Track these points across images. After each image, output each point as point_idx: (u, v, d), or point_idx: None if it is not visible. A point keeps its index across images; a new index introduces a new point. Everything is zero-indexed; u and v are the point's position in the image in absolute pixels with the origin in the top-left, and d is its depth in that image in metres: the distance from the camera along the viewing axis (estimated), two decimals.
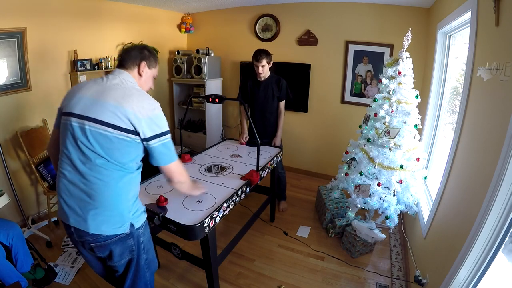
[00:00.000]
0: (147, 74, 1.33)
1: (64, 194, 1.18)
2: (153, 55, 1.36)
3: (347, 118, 3.55)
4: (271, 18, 3.76)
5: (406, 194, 2.22)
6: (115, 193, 1.17)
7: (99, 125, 1.12)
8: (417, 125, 2.17)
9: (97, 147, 1.13)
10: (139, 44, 1.36)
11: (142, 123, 1.15)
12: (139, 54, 1.30)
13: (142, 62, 1.30)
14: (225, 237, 2.50)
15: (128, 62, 1.28)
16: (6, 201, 1.89)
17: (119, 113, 1.12)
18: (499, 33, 1.22)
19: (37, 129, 2.66)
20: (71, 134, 1.15)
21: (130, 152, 1.18)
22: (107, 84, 1.20)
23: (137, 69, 1.30)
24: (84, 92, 1.19)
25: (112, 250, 1.22)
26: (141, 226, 1.29)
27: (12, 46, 2.43)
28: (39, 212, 2.85)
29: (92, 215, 1.14)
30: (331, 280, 2.13)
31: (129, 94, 1.17)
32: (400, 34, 2.43)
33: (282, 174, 3.02)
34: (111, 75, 1.25)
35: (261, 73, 2.66)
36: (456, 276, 1.21)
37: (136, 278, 1.34)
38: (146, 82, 1.35)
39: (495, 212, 1.05)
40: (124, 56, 1.30)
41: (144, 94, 1.23)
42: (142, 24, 3.74)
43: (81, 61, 2.94)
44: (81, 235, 1.19)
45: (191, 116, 4.51)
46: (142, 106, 1.16)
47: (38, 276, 1.92)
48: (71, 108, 1.17)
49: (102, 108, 1.13)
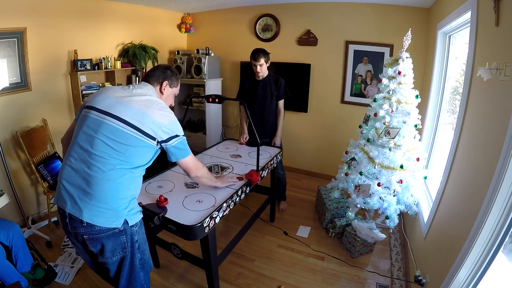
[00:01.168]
0: (168, 91, 1.47)
1: (65, 180, 1.21)
2: (175, 75, 1.50)
3: (347, 118, 3.55)
4: (271, 18, 3.76)
5: (406, 194, 2.22)
6: (113, 187, 1.20)
7: (119, 122, 1.21)
8: (417, 125, 2.17)
9: (111, 142, 1.19)
10: (163, 64, 1.54)
11: (160, 129, 1.26)
12: (162, 74, 1.44)
13: (164, 81, 1.44)
14: (225, 237, 2.50)
15: (151, 80, 1.43)
16: (6, 201, 1.90)
17: (140, 117, 1.24)
18: (499, 33, 1.22)
19: (37, 129, 2.66)
20: (88, 124, 1.23)
21: (144, 153, 1.27)
22: (133, 91, 1.33)
23: (160, 87, 1.44)
24: (111, 94, 1.30)
25: (104, 244, 1.23)
26: (135, 224, 1.30)
27: (12, 46, 2.43)
28: (39, 212, 2.86)
29: (89, 204, 1.17)
30: (331, 280, 2.13)
31: (152, 103, 1.30)
32: (400, 34, 2.43)
33: (282, 176, 3.01)
34: (138, 85, 1.39)
35: (259, 72, 2.65)
36: (456, 276, 1.21)
37: (131, 278, 1.34)
38: (167, 99, 1.49)
39: (495, 212, 1.05)
40: (149, 74, 1.45)
41: (165, 106, 1.35)
42: (142, 24, 3.74)
43: (81, 61, 2.94)
44: (75, 226, 1.21)
45: (191, 116, 4.52)
46: (161, 114, 1.28)
47: (38, 276, 1.92)
48: (95, 103, 1.27)
49: (125, 109, 1.24)
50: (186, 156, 1.40)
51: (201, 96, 3.68)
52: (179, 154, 1.37)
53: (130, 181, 1.26)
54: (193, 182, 1.92)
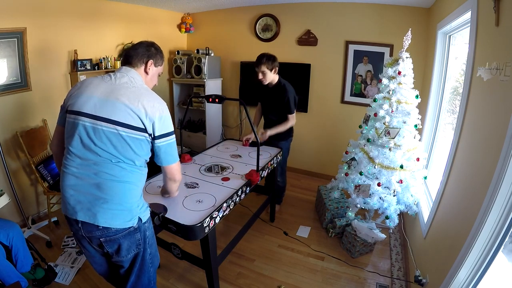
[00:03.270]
0: (152, 71, 1.35)
1: (71, 189, 1.17)
2: (160, 53, 1.38)
3: (347, 118, 3.55)
4: (271, 18, 3.76)
5: (406, 194, 2.22)
6: (126, 188, 1.20)
7: (112, 125, 1.15)
8: (417, 125, 2.17)
9: (110, 146, 1.15)
10: (146, 41, 1.38)
11: (152, 122, 1.19)
12: (147, 52, 1.31)
13: (149, 60, 1.31)
14: (225, 237, 2.50)
15: (135, 59, 1.29)
16: (6, 201, 1.89)
17: (131, 111, 1.15)
18: (499, 33, 1.22)
19: (37, 129, 2.66)
20: (82, 133, 1.16)
21: (142, 150, 1.22)
22: (116, 82, 1.21)
23: (144, 67, 1.31)
24: (93, 91, 1.19)
25: (120, 244, 1.23)
26: (147, 220, 1.31)
27: (12, 46, 2.43)
28: (39, 212, 2.85)
29: (103, 209, 1.15)
30: (331, 280, 2.13)
31: (140, 94, 1.20)
32: (400, 34, 2.43)
33: (280, 184, 2.87)
34: (119, 73, 1.25)
35: (262, 79, 2.49)
36: (456, 276, 1.21)
37: (141, 273, 1.34)
38: (152, 80, 1.38)
39: (495, 212, 1.05)
40: (131, 53, 1.30)
41: (153, 94, 1.25)
42: (142, 24, 3.74)
43: (81, 61, 2.94)
44: (89, 230, 1.19)
45: (191, 116, 4.51)
46: (152, 105, 1.19)
47: (38, 276, 1.92)
48: (80, 107, 1.17)
49: (114, 108, 1.15)
50: (176, 161, 1.33)
51: (201, 96, 3.68)
52: (169, 158, 1.30)
53: (139, 178, 1.26)
54: (193, 182, 1.92)
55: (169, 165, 1.31)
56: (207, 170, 2.13)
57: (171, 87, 4.31)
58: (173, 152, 1.30)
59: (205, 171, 2.11)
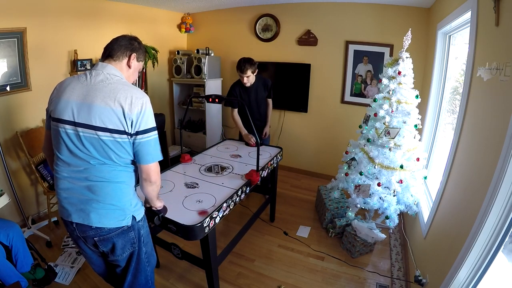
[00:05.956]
0: (134, 65, 1.30)
1: (64, 192, 1.19)
2: (142, 48, 1.33)
3: (347, 118, 3.55)
4: (271, 18, 3.76)
5: (406, 194, 2.22)
6: (117, 187, 1.20)
7: (91, 130, 1.12)
8: (417, 125, 2.17)
9: (93, 151, 1.14)
10: (128, 34, 1.34)
11: (131, 120, 1.13)
12: (130, 45, 1.27)
13: (132, 54, 1.27)
14: (225, 237, 2.50)
15: (117, 52, 1.24)
16: (6, 201, 1.89)
17: (108, 113, 1.11)
18: (499, 33, 1.22)
19: (37, 129, 2.66)
20: (65, 139, 1.15)
21: (125, 152, 1.19)
22: (91, 82, 1.15)
23: (127, 60, 1.26)
24: (69, 95, 1.15)
25: (115, 243, 1.23)
26: (141, 218, 1.31)
27: (12, 46, 2.42)
28: (39, 212, 2.85)
29: (95, 209, 1.16)
30: (331, 280, 2.13)
31: (116, 90, 1.13)
32: (400, 34, 2.43)
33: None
34: (94, 70, 1.19)
35: (247, 82, 2.72)
36: (456, 276, 1.21)
37: (137, 272, 1.35)
38: (133, 74, 1.33)
39: (495, 212, 1.05)
40: (114, 46, 1.24)
41: (132, 88, 1.18)
42: (142, 24, 3.73)
43: (81, 61, 2.94)
44: (83, 230, 1.20)
45: (191, 116, 4.51)
46: (130, 101, 1.13)
47: (38, 276, 1.92)
48: (59, 113, 1.15)
49: (91, 112, 1.11)
50: (157, 159, 1.22)
51: (201, 96, 3.68)
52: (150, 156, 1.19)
53: (129, 176, 1.25)
54: (193, 182, 1.92)
55: (147, 164, 1.20)
56: (207, 170, 2.13)
57: (171, 87, 4.30)
58: (152, 151, 1.20)
59: (205, 171, 2.11)
